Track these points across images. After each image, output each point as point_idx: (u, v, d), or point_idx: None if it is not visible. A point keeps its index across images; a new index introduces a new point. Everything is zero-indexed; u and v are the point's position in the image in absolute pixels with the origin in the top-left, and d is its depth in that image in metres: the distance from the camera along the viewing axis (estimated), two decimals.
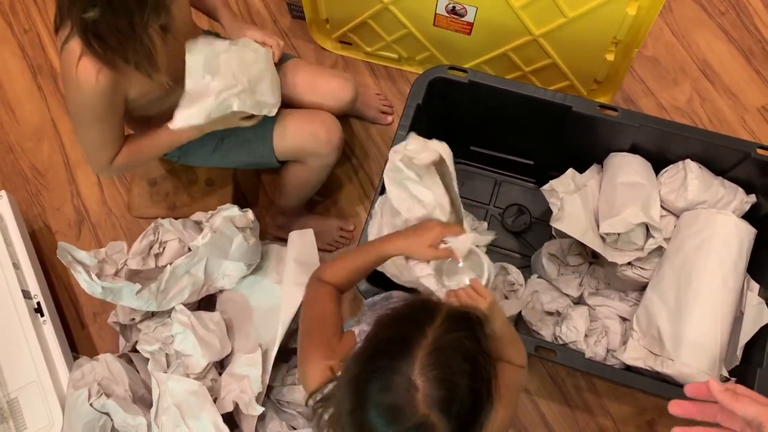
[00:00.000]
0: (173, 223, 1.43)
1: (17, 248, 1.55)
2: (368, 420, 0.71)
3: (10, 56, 1.94)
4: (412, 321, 0.76)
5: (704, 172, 1.35)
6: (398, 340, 0.74)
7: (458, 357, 0.73)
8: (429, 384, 0.70)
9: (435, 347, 0.72)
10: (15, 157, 1.83)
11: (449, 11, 1.50)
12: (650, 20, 1.35)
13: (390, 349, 0.74)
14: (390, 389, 0.71)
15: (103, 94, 1.13)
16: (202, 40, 1.21)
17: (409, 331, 0.74)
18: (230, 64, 1.21)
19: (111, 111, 1.18)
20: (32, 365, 1.42)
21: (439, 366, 0.71)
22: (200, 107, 1.18)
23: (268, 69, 1.29)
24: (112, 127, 1.22)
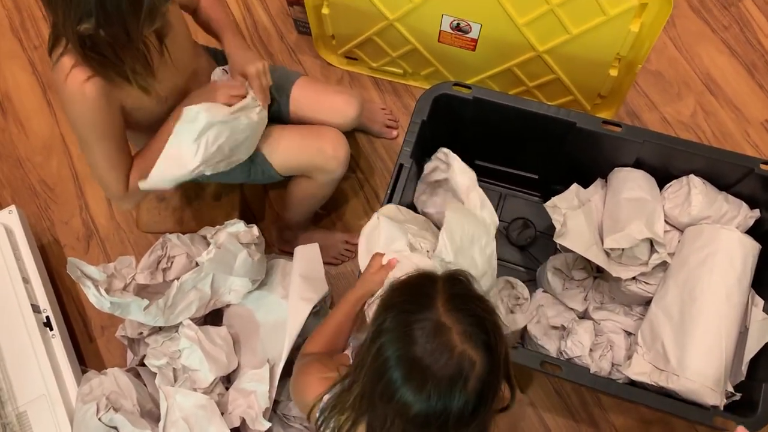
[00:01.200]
0: (181, 238, 1.44)
1: (27, 262, 1.56)
2: (409, 373, 0.74)
3: (21, 72, 1.96)
4: (419, 284, 0.83)
5: (708, 187, 1.36)
6: (415, 299, 0.80)
7: (470, 298, 0.80)
8: (458, 322, 0.76)
9: (449, 295, 0.79)
10: (24, 171, 1.85)
11: (454, 28, 1.51)
12: (653, 37, 1.36)
13: (410, 308, 0.79)
14: (422, 336, 0.75)
15: (95, 103, 1.11)
16: (203, 108, 1.18)
17: (421, 290, 0.81)
18: (220, 136, 1.20)
19: (110, 124, 1.17)
20: (41, 379, 1.43)
21: (459, 307, 0.78)
22: (173, 177, 1.20)
23: (255, 132, 1.29)
24: (116, 144, 1.20)
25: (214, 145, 1.19)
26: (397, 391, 0.74)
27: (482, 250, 1.28)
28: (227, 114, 1.20)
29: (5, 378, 1.43)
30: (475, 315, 0.77)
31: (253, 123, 1.26)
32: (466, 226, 1.25)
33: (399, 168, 1.34)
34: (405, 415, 0.74)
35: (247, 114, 1.25)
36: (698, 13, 1.87)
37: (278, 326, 1.41)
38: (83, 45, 1.05)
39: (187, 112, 1.16)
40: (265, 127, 1.35)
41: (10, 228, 1.58)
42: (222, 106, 1.21)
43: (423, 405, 0.73)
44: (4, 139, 1.88)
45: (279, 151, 1.38)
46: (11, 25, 2.01)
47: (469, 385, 0.74)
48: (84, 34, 1.03)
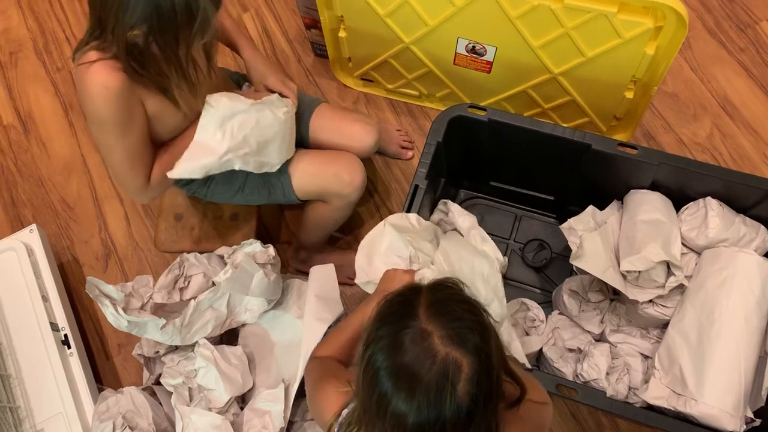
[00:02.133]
0: (198, 258, 1.45)
1: (46, 281, 1.58)
2: (397, 382, 0.74)
3: (44, 93, 2.00)
4: (403, 295, 0.83)
5: (725, 209, 1.35)
6: (397, 309, 0.80)
7: (455, 302, 0.80)
8: (440, 326, 0.76)
9: (432, 301, 0.79)
10: (45, 190, 1.88)
11: (469, 51, 1.53)
12: (669, 59, 1.36)
13: (392, 319, 0.79)
14: (404, 345, 0.75)
15: (118, 96, 1.09)
16: (225, 96, 1.21)
17: (404, 300, 0.81)
18: (245, 126, 1.22)
19: (130, 119, 1.15)
20: (58, 397, 1.44)
21: (442, 311, 0.77)
22: (202, 164, 1.21)
23: (282, 131, 1.30)
24: (137, 140, 1.18)
25: (240, 133, 1.21)
26: (390, 403, 0.74)
27: (486, 280, 1.30)
28: (249, 104, 1.22)
29: (23, 395, 1.45)
30: (458, 317, 0.77)
31: (280, 120, 1.27)
32: (461, 251, 1.27)
33: (414, 189, 1.35)
34: (402, 427, 0.74)
35: (273, 109, 1.26)
36: (714, 35, 1.87)
37: (293, 346, 1.42)
38: (130, 53, 1.07)
39: (210, 99, 1.18)
40: (294, 135, 1.36)
41: (31, 247, 1.61)
42: (245, 99, 1.24)
43: (416, 415, 0.72)
44: (27, 159, 1.92)
45: (296, 175, 1.39)
46: (35, 47, 2.06)
47: (458, 388, 0.73)
48: (133, 41, 1.04)
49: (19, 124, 1.96)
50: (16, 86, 2.02)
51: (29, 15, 2.11)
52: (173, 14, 1.01)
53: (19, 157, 1.92)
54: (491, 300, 1.24)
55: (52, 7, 2.11)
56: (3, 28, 2.10)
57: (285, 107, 1.30)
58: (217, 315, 1.39)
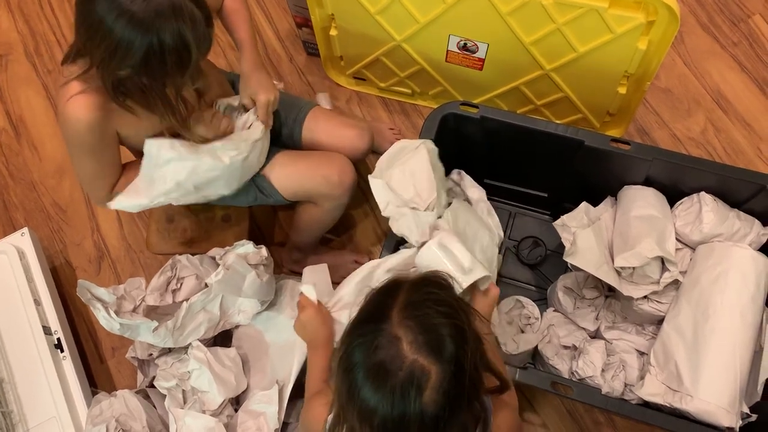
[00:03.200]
0: (190, 260, 1.44)
1: (38, 284, 1.57)
2: (362, 385, 0.74)
3: (35, 96, 1.99)
4: (382, 294, 0.82)
5: (719, 204, 1.35)
6: (373, 310, 0.80)
7: (430, 304, 0.78)
8: (410, 331, 0.75)
9: (407, 303, 0.78)
10: (38, 194, 1.87)
11: (461, 48, 1.52)
12: (661, 54, 1.36)
13: (367, 318, 0.79)
14: (375, 347, 0.75)
15: (89, 131, 1.12)
16: (163, 143, 1.19)
17: (381, 301, 0.80)
18: (179, 173, 1.21)
19: (102, 145, 1.18)
20: (51, 401, 1.43)
21: (414, 315, 0.77)
22: (137, 203, 1.24)
23: (228, 172, 1.28)
24: (106, 159, 1.21)
25: (172, 181, 1.21)
26: (359, 396, 0.74)
27: (483, 250, 1.30)
28: (186, 153, 1.21)
29: (16, 400, 1.44)
30: (430, 324, 0.76)
31: (223, 165, 1.25)
32: (470, 216, 1.28)
33: None
34: (369, 422, 0.74)
35: (216, 155, 1.25)
36: (707, 29, 1.87)
37: (287, 347, 1.41)
38: (115, 88, 1.07)
39: (148, 145, 1.18)
40: (256, 164, 1.36)
41: (23, 250, 1.60)
42: (186, 146, 1.21)
43: (381, 411, 0.73)
44: (18, 162, 1.91)
45: (285, 177, 1.39)
46: (26, 50, 2.05)
47: (424, 395, 0.73)
48: (119, 78, 1.04)
49: (11, 128, 1.95)
50: (7, 89, 2.00)
51: (19, 17, 2.10)
52: (163, 62, 1.01)
53: (11, 160, 1.91)
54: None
55: (42, 9, 2.10)
56: None
57: (234, 150, 1.27)
58: (210, 317, 1.38)
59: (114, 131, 1.19)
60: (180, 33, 0.99)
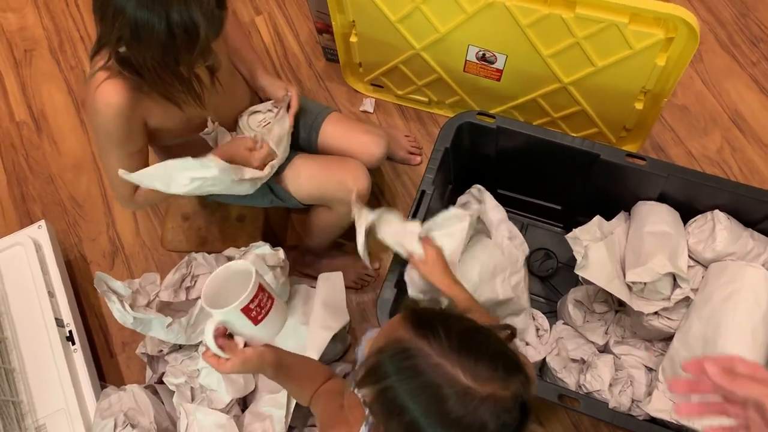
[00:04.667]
0: (206, 258, 1.46)
1: (53, 277, 1.59)
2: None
3: (57, 91, 2.02)
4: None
5: (733, 223, 1.34)
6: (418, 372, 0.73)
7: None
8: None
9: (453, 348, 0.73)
10: (56, 187, 1.89)
11: (479, 58, 1.53)
12: (679, 71, 1.36)
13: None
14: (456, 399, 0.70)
15: (118, 116, 1.14)
16: (222, 165, 1.21)
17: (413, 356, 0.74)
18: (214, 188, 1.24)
19: (129, 136, 1.19)
20: (61, 393, 1.45)
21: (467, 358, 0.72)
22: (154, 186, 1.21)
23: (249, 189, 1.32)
24: (133, 155, 1.22)
25: (206, 190, 1.23)
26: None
27: (505, 280, 1.29)
28: (235, 179, 1.23)
29: (26, 390, 1.45)
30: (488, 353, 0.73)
31: (256, 183, 1.31)
32: (487, 257, 1.28)
33: (421, 194, 1.34)
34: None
35: (253, 182, 1.29)
36: (726, 48, 1.87)
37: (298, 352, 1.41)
38: (123, 66, 1.09)
39: (206, 161, 1.19)
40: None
41: (39, 243, 1.62)
42: (237, 171, 1.24)
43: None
44: (38, 156, 1.93)
45: (301, 180, 1.40)
46: (50, 46, 2.08)
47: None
48: (125, 56, 1.06)
49: (32, 121, 1.98)
50: (30, 84, 2.04)
51: (45, 14, 2.13)
52: (173, 41, 1.02)
53: (31, 153, 1.94)
54: (507, 298, 1.30)
55: (68, 6, 2.14)
56: (19, 27, 2.12)
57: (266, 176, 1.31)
58: None
59: (142, 120, 1.20)
60: (188, 13, 1.01)
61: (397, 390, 0.71)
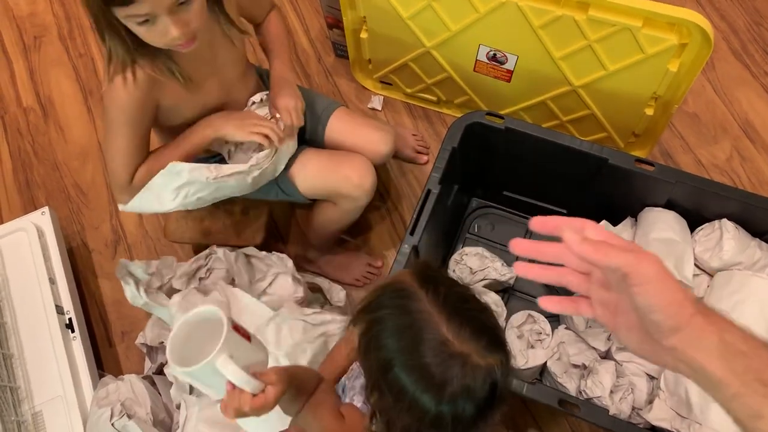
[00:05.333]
0: (226, 255, 1.44)
1: (54, 263, 1.59)
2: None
3: (65, 78, 2.02)
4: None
5: (741, 232, 1.33)
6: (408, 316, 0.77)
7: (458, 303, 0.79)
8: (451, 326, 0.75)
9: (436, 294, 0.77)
10: (60, 174, 1.89)
11: (490, 58, 1.52)
12: (692, 78, 1.35)
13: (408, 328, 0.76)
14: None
15: (134, 92, 1.14)
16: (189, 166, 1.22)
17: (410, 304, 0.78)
18: (201, 192, 1.26)
19: (139, 115, 1.19)
20: (59, 380, 1.44)
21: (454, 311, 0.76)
22: (151, 209, 1.27)
23: (248, 185, 1.32)
24: (137, 136, 1.21)
25: (194, 197, 1.25)
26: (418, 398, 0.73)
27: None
28: (212, 179, 1.24)
29: (24, 376, 1.45)
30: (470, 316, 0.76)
31: (245, 184, 1.30)
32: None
33: (427, 194, 1.33)
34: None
35: (240, 177, 1.28)
36: (739, 57, 1.85)
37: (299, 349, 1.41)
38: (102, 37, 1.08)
39: (171, 167, 1.20)
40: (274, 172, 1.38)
41: (42, 229, 1.61)
42: (211, 169, 1.24)
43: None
44: (44, 142, 1.93)
45: (305, 174, 1.39)
46: (59, 33, 2.08)
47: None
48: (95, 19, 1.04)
49: (39, 108, 1.98)
50: (38, 70, 2.03)
51: (56, 1, 2.13)
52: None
53: (37, 139, 1.94)
54: None
55: None
56: (29, 12, 2.12)
57: (258, 170, 1.30)
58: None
59: (156, 102, 1.20)
60: None
61: (384, 323, 0.76)
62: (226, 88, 1.31)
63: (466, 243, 1.67)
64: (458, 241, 1.67)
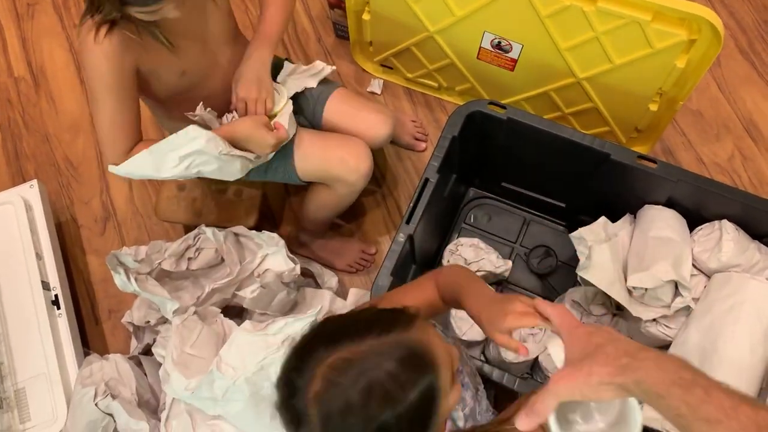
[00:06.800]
0: (215, 234, 1.41)
1: (42, 238, 1.56)
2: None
3: (58, 48, 1.97)
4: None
5: (741, 234, 1.31)
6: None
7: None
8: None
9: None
10: (51, 147, 1.85)
11: (494, 46, 1.49)
12: (699, 75, 1.32)
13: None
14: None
15: (110, 56, 1.10)
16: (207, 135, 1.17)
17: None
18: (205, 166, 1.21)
19: (121, 79, 1.14)
20: (43, 357, 1.42)
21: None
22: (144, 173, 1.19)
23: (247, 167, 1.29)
24: (126, 107, 1.18)
25: (196, 169, 1.19)
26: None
27: None
28: (223, 152, 1.19)
29: (8, 352, 1.42)
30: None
31: (247, 165, 1.27)
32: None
33: (424, 182, 1.31)
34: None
35: (245, 160, 1.25)
36: (746, 55, 1.83)
37: None
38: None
39: (189, 131, 1.15)
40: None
41: (30, 203, 1.58)
42: (225, 144, 1.19)
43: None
44: (35, 113, 1.89)
45: (301, 155, 1.36)
46: (54, 1, 2.03)
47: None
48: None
49: (30, 78, 1.93)
50: (31, 39, 1.98)
51: None
52: None
53: (27, 110, 1.89)
54: None
55: None
56: None
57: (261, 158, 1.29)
58: (224, 296, 1.39)
59: (134, 65, 1.16)
60: None
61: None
62: (210, 54, 1.26)
63: (462, 233, 1.65)
64: (454, 230, 1.65)
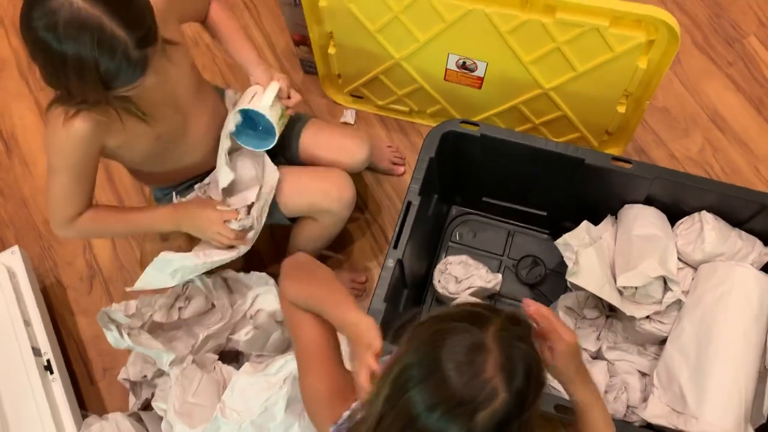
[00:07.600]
0: (203, 280, 1.41)
1: (28, 304, 1.54)
2: (441, 373, 0.71)
3: (27, 112, 1.97)
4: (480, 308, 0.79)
5: (721, 223, 1.34)
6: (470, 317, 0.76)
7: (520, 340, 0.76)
8: (500, 351, 0.72)
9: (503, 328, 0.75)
10: (29, 211, 1.84)
11: (460, 66, 1.52)
12: (661, 73, 1.36)
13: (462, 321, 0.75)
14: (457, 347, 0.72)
15: (76, 140, 1.10)
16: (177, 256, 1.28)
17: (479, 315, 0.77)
18: (196, 270, 1.33)
19: (83, 162, 1.15)
20: (40, 425, 1.39)
21: (508, 342, 0.74)
22: (158, 286, 1.33)
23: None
24: (81, 182, 1.18)
25: (192, 274, 1.31)
26: (409, 390, 0.71)
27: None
28: (201, 264, 1.29)
29: (3, 422, 1.40)
30: (516, 354, 0.73)
31: (232, 254, 1.32)
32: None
33: (407, 206, 1.32)
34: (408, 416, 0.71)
35: (225, 256, 1.31)
36: (702, 50, 1.88)
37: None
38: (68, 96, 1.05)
39: (161, 258, 1.26)
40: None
41: (13, 270, 1.56)
42: (200, 255, 1.29)
43: (426, 413, 0.69)
44: (9, 178, 1.88)
45: (283, 192, 1.37)
46: (18, 66, 2.03)
47: (477, 416, 0.69)
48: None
49: (2, 144, 1.93)
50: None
51: (12, 33, 2.08)
52: (63, 68, 0.96)
53: (1, 176, 1.88)
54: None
55: None
56: None
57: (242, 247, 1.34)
58: (219, 342, 1.39)
59: (100, 147, 1.16)
60: (79, 52, 0.94)
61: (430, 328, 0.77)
62: (182, 111, 1.26)
63: (449, 251, 1.66)
64: (441, 250, 1.66)
